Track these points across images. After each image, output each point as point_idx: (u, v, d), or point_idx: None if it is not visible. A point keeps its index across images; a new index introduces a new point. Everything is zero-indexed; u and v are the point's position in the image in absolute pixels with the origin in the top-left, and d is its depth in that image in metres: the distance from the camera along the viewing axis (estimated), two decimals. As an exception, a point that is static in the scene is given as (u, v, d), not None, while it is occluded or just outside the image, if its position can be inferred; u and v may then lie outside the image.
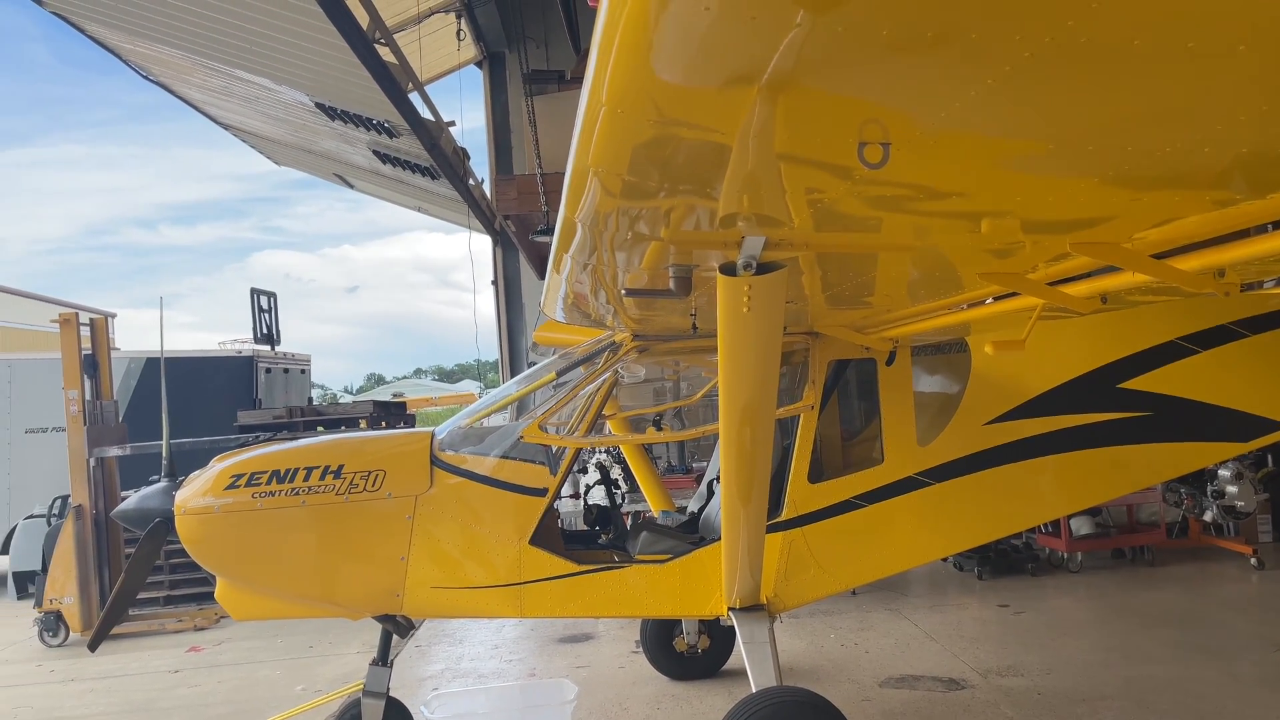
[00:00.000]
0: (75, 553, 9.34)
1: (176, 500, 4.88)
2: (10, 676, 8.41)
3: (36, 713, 7.30)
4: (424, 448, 5.08)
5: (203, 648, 8.94)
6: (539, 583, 4.98)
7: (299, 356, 16.50)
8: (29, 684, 8.13)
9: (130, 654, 8.83)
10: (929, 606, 8.56)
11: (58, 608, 9.32)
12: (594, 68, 1.83)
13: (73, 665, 8.62)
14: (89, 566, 9.37)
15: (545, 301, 4.86)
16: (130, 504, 5.19)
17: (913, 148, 1.97)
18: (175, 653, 8.81)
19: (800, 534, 5.17)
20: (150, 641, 9.30)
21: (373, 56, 8.73)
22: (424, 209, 20.40)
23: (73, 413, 9.48)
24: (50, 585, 9.40)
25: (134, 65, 13.03)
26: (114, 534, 9.58)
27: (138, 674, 8.19)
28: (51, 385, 10.72)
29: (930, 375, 5.82)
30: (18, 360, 13.98)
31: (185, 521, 4.83)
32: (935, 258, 3.32)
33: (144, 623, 9.67)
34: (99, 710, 7.24)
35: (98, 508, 9.46)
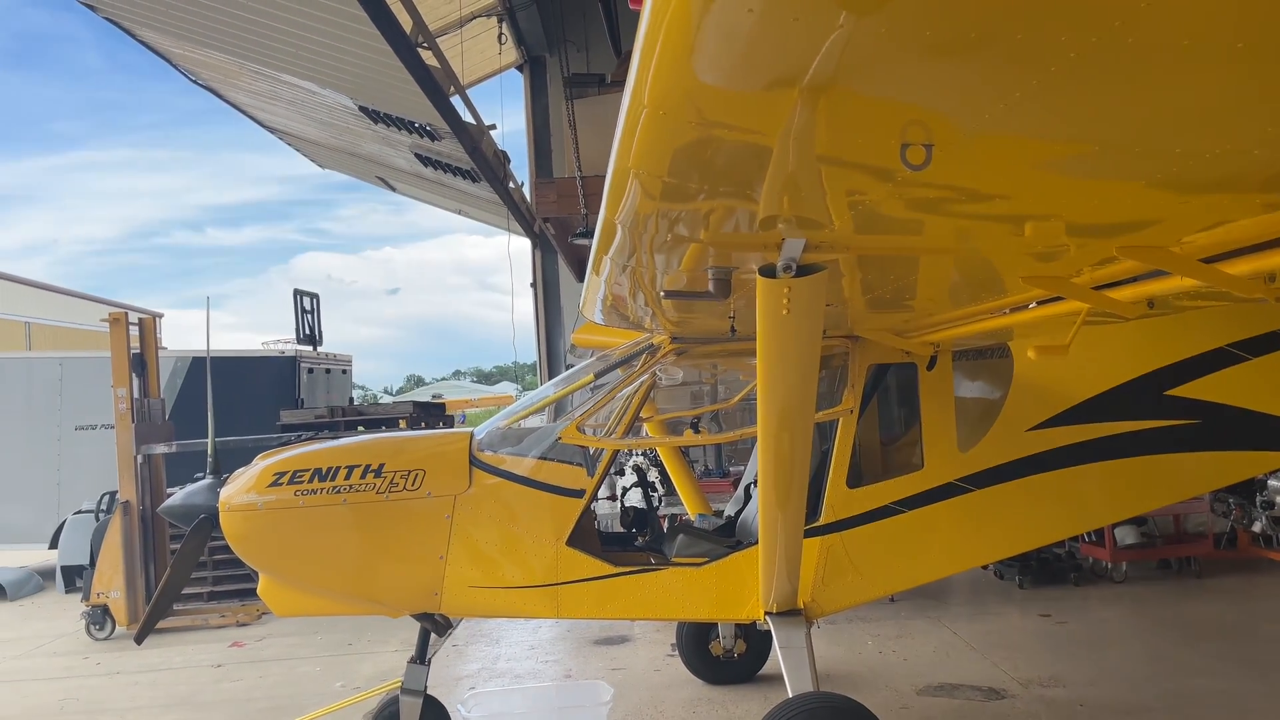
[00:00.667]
0: (122, 547, 9.52)
1: (221, 497, 4.97)
2: (58, 668, 8.60)
3: (83, 704, 7.45)
4: (463, 448, 5.12)
5: (245, 643, 9.08)
6: (576, 584, 5.00)
7: (340, 357, 16.70)
8: (76, 676, 8.31)
9: (174, 648, 8.99)
10: (969, 615, 8.46)
11: (105, 601, 9.51)
12: (636, 70, 1.84)
13: (118, 658, 8.79)
14: (135, 561, 9.55)
15: (584, 303, 4.87)
16: (176, 500, 5.29)
17: (955, 149, 1.95)
18: (218, 647, 8.95)
19: (838, 539, 5.14)
20: (194, 636, 9.45)
21: (415, 60, 8.82)
22: (464, 211, 20.57)
23: (121, 410, 9.67)
24: (98, 579, 9.59)
25: (183, 69, 13.28)
26: (160, 529, 9.76)
27: (181, 668, 8.33)
28: (101, 383, 10.94)
29: (971, 380, 5.76)
30: (68, 358, 14.30)
31: (229, 518, 4.91)
32: (978, 261, 3.28)
33: (188, 617, 9.83)
34: (143, 703, 7.38)
35: (145, 504, 9.64)
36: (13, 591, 12.12)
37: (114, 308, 13.27)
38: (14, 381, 13.58)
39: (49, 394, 13.55)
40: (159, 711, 7.13)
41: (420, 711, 5.35)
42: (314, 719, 6.44)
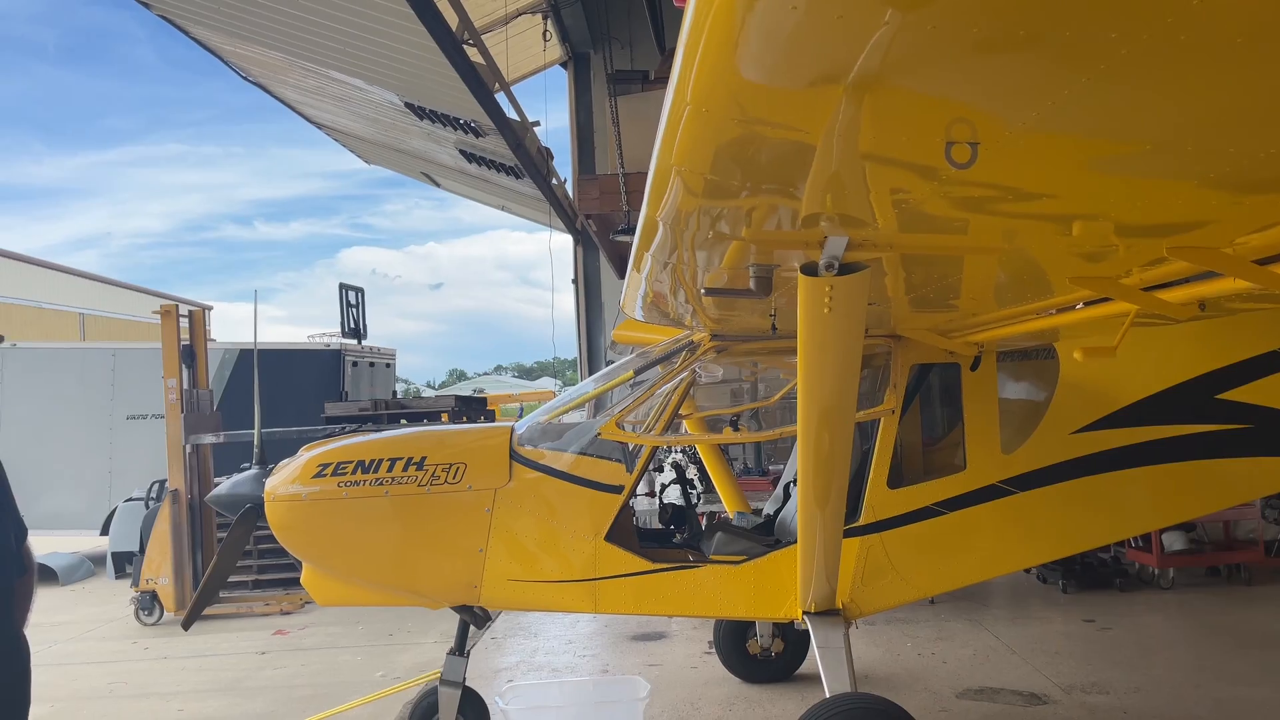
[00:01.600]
0: (171, 535, 9.72)
1: (266, 487, 5.05)
2: (107, 652, 8.80)
3: (131, 688, 7.62)
4: (503, 442, 5.16)
5: (288, 631, 9.22)
6: (614, 579, 5.02)
7: (384, 351, 16.89)
8: (124, 660, 8.50)
9: (220, 635, 9.16)
10: (1010, 618, 8.35)
11: (153, 588, 9.72)
12: (679, 67, 1.85)
13: (166, 643, 8.98)
14: (183, 549, 9.74)
15: (625, 300, 4.89)
16: (223, 490, 5.39)
17: (1002, 147, 1.93)
18: (262, 635, 9.10)
19: (878, 539, 5.11)
20: (239, 623, 9.63)
21: (461, 57, 8.90)
22: (507, 208, 20.70)
23: (171, 401, 9.87)
24: (147, 566, 9.80)
25: (234, 66, 13.50)
26: (207, 518, 9.95)
27: (227, 654, 8.49)
28: (151, 374, 11.18)
29: (1016, 381, 5.69)
30: (121, 349, 14.63)
31: (274, 508, 4.99)
32: (1024, 261, 3.24)
33: (233, 605, 10.02)
34: (190, 687, 7.53)
35: (192, 492, 9.83)
36: (65, 576, 12.43)
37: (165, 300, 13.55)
38: (68, 372, 13.91)
39: (102, 384, 13.86)
40: (205, 696, 7.27)
41: (459, 702, 5.40)
42: (355, 707, 6.53)
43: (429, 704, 5.45)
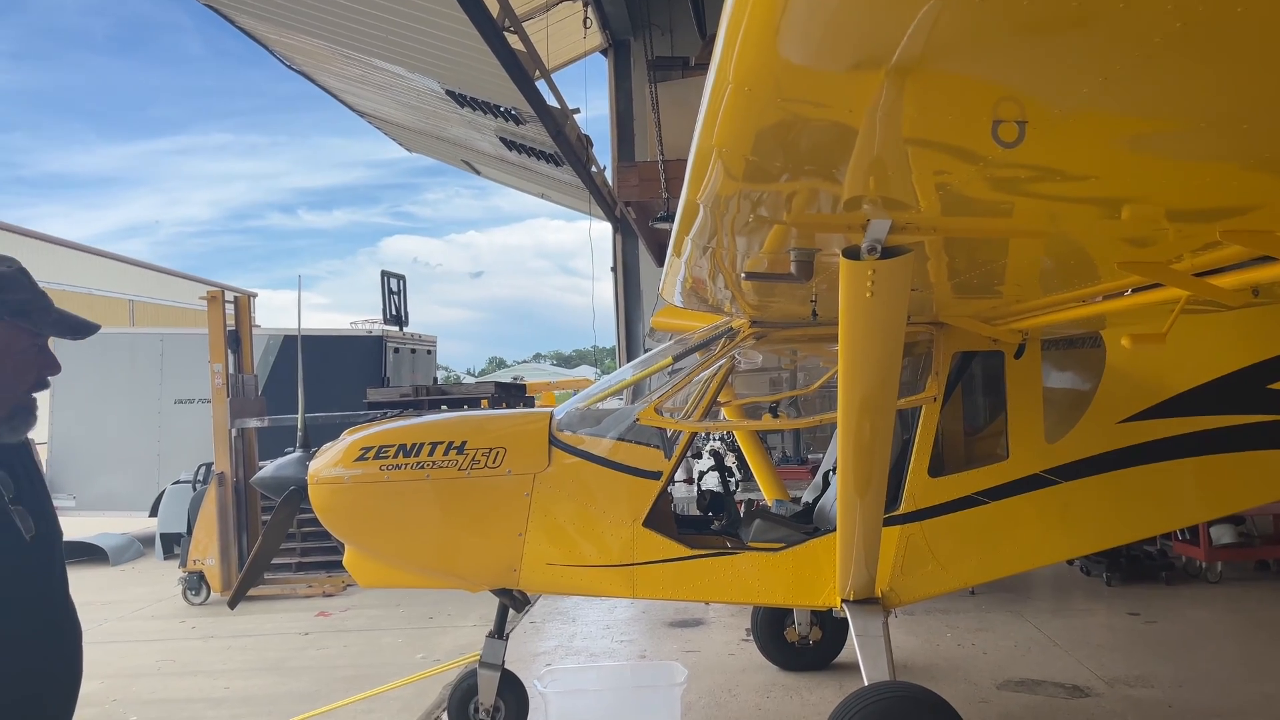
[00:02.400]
0: (217, 517, 9.89)
1: (310, 470, 5.12)
2: (156, 631, 9.00)
3: (179, 666, 7.78)
4: (543, 427, 5.18)
5: (330, 613, 9.36)
6: (652, 564, 5.03)
7: (425, 338, 17.03)
8: (172, 639, 8.68)
9: (264, 615, 9.32)
10: (1052, 610, 8.25)
11: (200, 568, 9.91)
12: (721, 47, 1.84)
13: (213, 623, 9.16)
14: (229, 530, 9.92)
15: (664, 286, 4.88)
16: (267, 472, 5.47)
17: (1050, 127, 1.89)
18: (305, 616, 9.25)
19: (919, 528, 5.06)
20: (283, 605, 9.79)
21: (502, 45, 8.91)
22: (547, 195, 20.75)
23: (217, 385, 10.03)
24: (194, 547, 9.99)
25: (278, 55, 13.65)
26: (252, 500, 10.12)
27: (271, 634, 8.64)
28: (198, 359, 11.37)
29: (1061, 369, 5.60)
30: (169, 335, 14.89)
31: (317, 490, 5.06)
32: (1070, 246, 3.19)
33: (277, 587, 10.19)
34: (235, 666, 7.68)
35: (238, 475, 10.00)
36: (115, 557, 12.71)
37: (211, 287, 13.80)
38: (118, 356, 14.19)
39: (151, 368, 14.12)
40: (250, 675, 7.41)
41: (498, 685, 5.46)
42: (396, 688, 6.62)
43: (469, 686, 5.51)
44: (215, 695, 6.91)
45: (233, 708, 6.59)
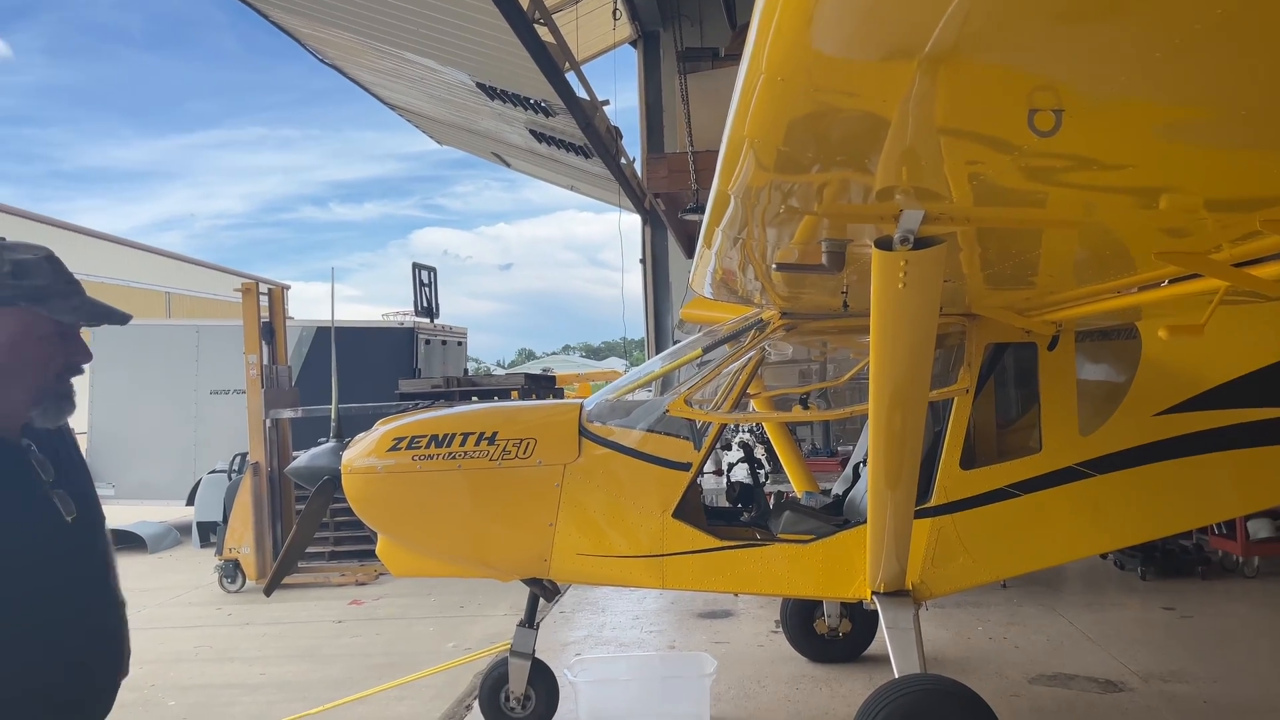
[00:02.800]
0: (252, 506, 10.03)
1: (343, 460, 5.18)
2: (193, 617, 9.15)
3: (215, 651, 7.91)
4: (573, 418, 5.20)
5: (363, 601, 9.47)
6: (681, 555, 5.04)
7: (456, 329, 17.13)
8: (209, 625, 8.83)
9: (299, 603, 9.45)
10: (1085, 604, 8.18)
11: (236, 556, 10.05)
12: (754, 36, 1.84)
13: (248, 610, 9.30)
14: (264, 519, 10.06)
15: (694, 277, 4.88)
16: (301, 462, 5.54)
17: (1086, 116, 1.88)
18: (338, 604, 9.36)
19: (950, 521, 5.04)
20: (316, 593, 9.91)
21: (532, 37, 8.93)
22: (576, 187, 20.78)
23: (251, 376, 10.16)
24: (230, 535, 10.14)
25: (311, 49, 13.76)
26: (286, 489, 10.25)
27: (305, 622, 8.75)
28: (233, 350, 11.52)
29: (1095, 361, 5.55)
30: (205, 326, 15.09)
31: (351, 480, 5.11)
32: (1106, 236, 3.15)
33: (311, 575, 10.31)
34: (270, 653, 7.79)
35: (272, 465, 10.13)
36: (153, 545, 12.92)
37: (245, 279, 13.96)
38: (155, 348, 14.40)
39: (187, 360, 14.32)
40: (284, 661, 7.51)
41: (528, 673, 5.50)
42: (427, 676, 6.68)
43: (499, 674, 5.56)
44: (251, 681, 7.02)
45: (268, 693, 6.69)
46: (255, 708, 6.37)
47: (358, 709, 6.20)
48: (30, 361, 2.18)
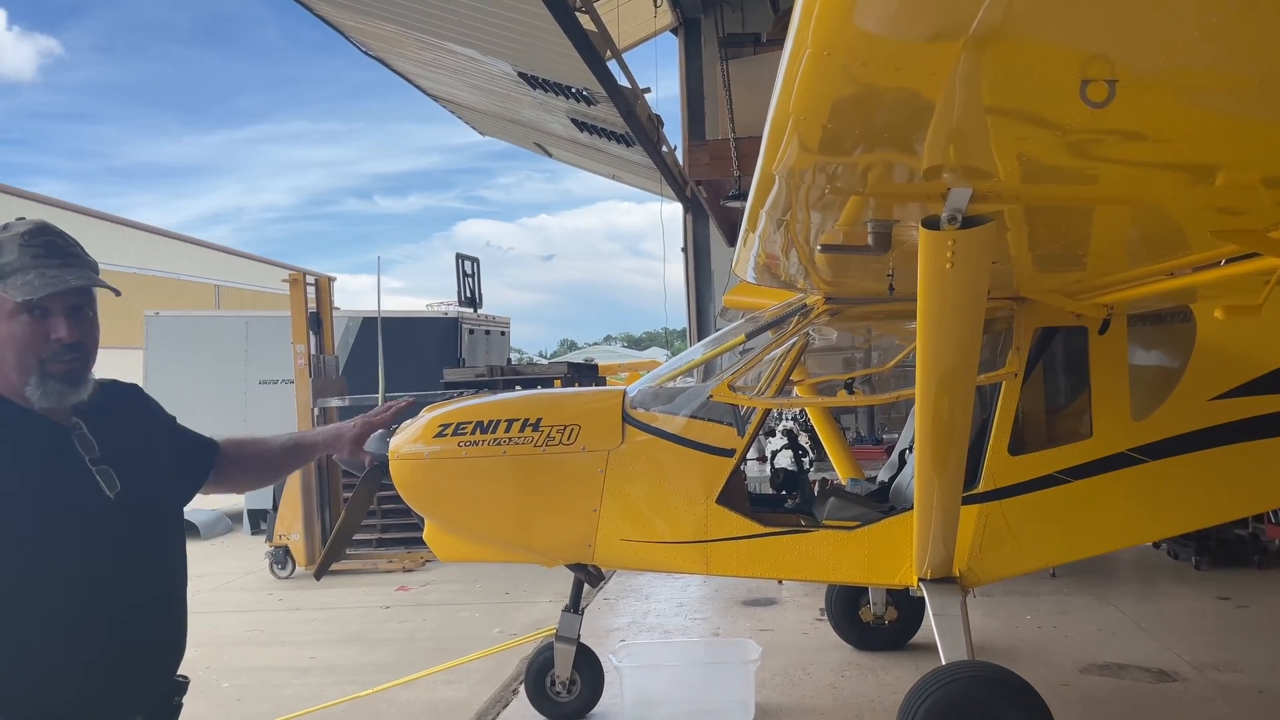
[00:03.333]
0: (301, 494, 10.20)
1: (390, 446, 5.23)
2: (246, 603, 9.33)
3: (267, 636, 8.07)
4: (616, 405, 5.21)
5: (410, 588, 9.59)
6: (725, 541, 5.03)
7: (499, 319, 17.24)
8: (261, 610, 9.00)
9: (347, 589, 9.60)
10: (1137, 594, 8.04)
11: (286, 543, 10.23)
12: (798, 17, 1.83)
13: (298, 595, 9.47)
14: (313, 506, 10.22)
15: (736, 262, 4.85)
16: (349, 449, 5.60)
17: (1141, 87, 1.84)
18: (386, 591, 9.49)
19: (998, 507, 4.97)
20: (364, 579, 10.06)
21: (574, 25, 8.93)
22: (618, 176, 20.78)
23: (299, 366, 10.31)
24: (279, 522, 10.33)
25: (355, 41, 13.89)
26: (335, 477, 10.40)
27: (354, 607, 8.89)
28: (281, 341, 11.69)
29: (1148, 345, 5.44)
30: (253, 318, 15.35)
31: (398, 466, 5.16)
32: (1159, 214, 3.09)
33: (359, 562, 10.47)
34: (320, 637, 7.93)
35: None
36: (205, 532, 13.20)
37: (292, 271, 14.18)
38: (206, 339, 14.68)
39: (237, 350, 14.57)
40: (334, 645, 7.64)
41: (574, 658, 5.54)
42: (474, 660, 6.76)
43: (545, 659, 5.60)
44: (301, 665, 7.14)
45: (318, 676, 6.81)
46: (306, 690, 6.48)
47: (406, 693, 6.29)
48: (7, 341, 2.16)
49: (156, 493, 2.40)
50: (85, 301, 2.27)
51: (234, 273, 38.36)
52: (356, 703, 6.09)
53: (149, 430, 2.51)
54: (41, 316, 2.18)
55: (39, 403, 2.19)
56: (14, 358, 2.17)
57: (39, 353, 2.18)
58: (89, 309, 2.29)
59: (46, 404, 2.20)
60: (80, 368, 2.25)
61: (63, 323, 2.20)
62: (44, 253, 2.17)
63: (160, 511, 2.43)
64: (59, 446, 2.23)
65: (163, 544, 2.41)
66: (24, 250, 2.16)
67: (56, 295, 2.18)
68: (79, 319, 2.24)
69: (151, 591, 2.33)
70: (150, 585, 2.33)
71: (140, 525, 2.31)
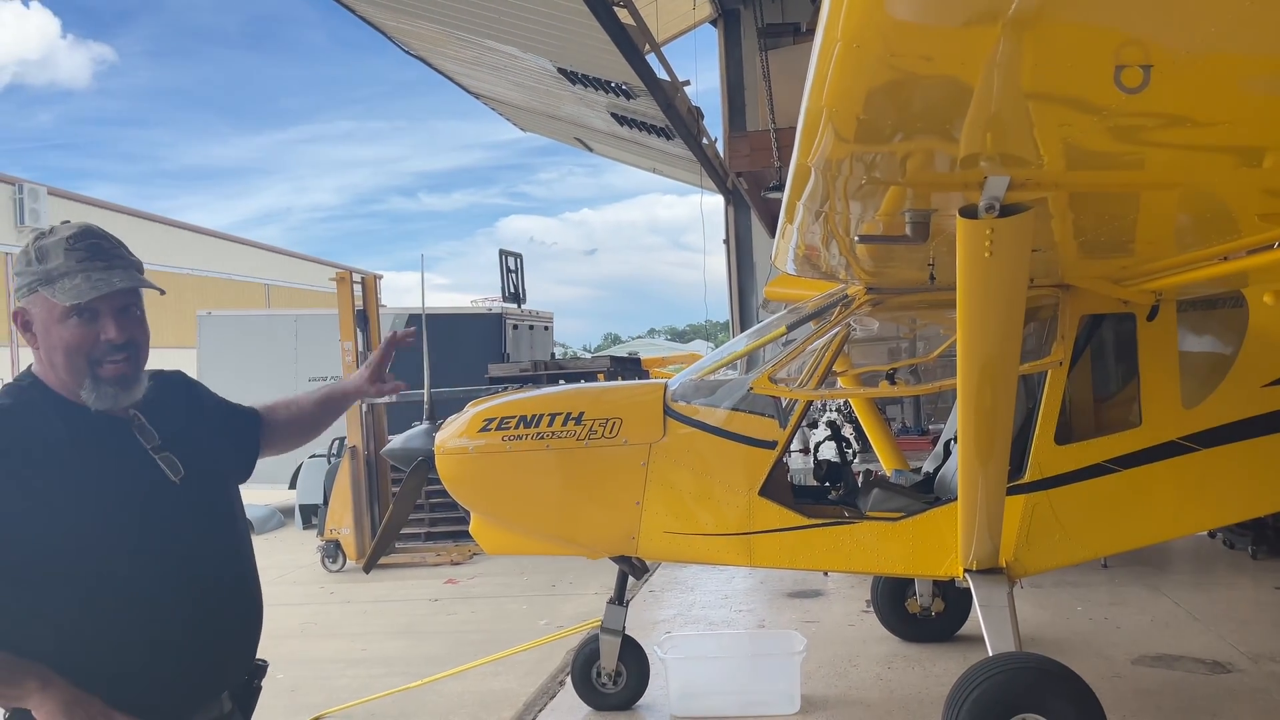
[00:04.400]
0: (350, 488, 10.36)
1: (436, 441, 5.31)
2: (298, 596, 9.50)
3: (320, 628, 8.22)
4: (658, 398, 5.23)
5: (458, 581, 9.71)
6: (768, 533, 5.03)
7: (542, 314, 17.35)
8: (313, 603, 9.17)
9: (396, 582, 9.74)
10: (1192, 584, 7.89)
11: (336, 537, 10.41)
12: (828, 7, 1.83)
13: (349, 589, 9.63)
14: (362, 500, 10.37)
15: (776, 254, 4.85)
16: (396, 444, 5.70)
17: (1176, 71, 1.81)
18: (434, 584, 9.62)
19: (1045, 497, 4.92)
20: (413, 573, 10.20)
21: (612, 20, 8.96)
22: (658, 170, 20.78)
23: (347, 362, 10.46)
24: (330, 517, 10.50)
25: (397, 41, 14.05)
26: (383, 471, 10.55)
27: (403, 600, 9.03)
28: (330, 338, 11.88)
29: (1198, 331, 5.33)
30: (302, 315, 15.61)
31: (444, 460, 5.25)
32: (1206, 198, 3.04)
33: (408, 555, 10.62)
34: (372, 629, 8.07)
35: (369, 448, 10.43)
36: (258, 526, 13.45)
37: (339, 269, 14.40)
38: (257, 337, 14.97)
39: (286, 348, 14.84)
40: (385, 637, 7.77)
41: (619, 650, 5.58)
42: (521, 651, 6.83)
43: (591, 650, 5.65)
44: (354, 656, 7.28)
45: (370, 667, 6.93)
46: (358, 681, 6.60)
47: (455, 684, 6.38)
48: (58, 345, 2.22)
49: (217, 473, 2.48)
50: (133, 301, 2.32)
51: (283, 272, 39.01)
52: (407, 694, 6.19)
53: (200, 412, 2.58)
54: (90, 319, 2.22)
55: (94, 405, 2.25)
56: (66, 360, 2.23)
57: (89, 355, 2.23)
58: (136, 308, 2.33)
59: (101, 407, 2.25)
60: (130, 368, 2.30)
61: (111, 324, 2.24)
62: (89, 256, 2.22)
63: (224, 491, 2.50)
64: (121, 438, 2.30)
65: (230, 523, 2.48)
66: (69, 254, 2.20)
67: (103, 297, 2.22)
68: (127, 319, 2.29)
69: (227, 570, 2.41)
70: (225, 564, 2.41)
71: (207, 506, 2.38)
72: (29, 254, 2.24)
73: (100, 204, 31.12)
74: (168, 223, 34.53)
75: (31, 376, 2.31)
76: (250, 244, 39.96)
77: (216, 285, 33.40)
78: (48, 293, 2.20)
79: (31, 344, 2.28)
